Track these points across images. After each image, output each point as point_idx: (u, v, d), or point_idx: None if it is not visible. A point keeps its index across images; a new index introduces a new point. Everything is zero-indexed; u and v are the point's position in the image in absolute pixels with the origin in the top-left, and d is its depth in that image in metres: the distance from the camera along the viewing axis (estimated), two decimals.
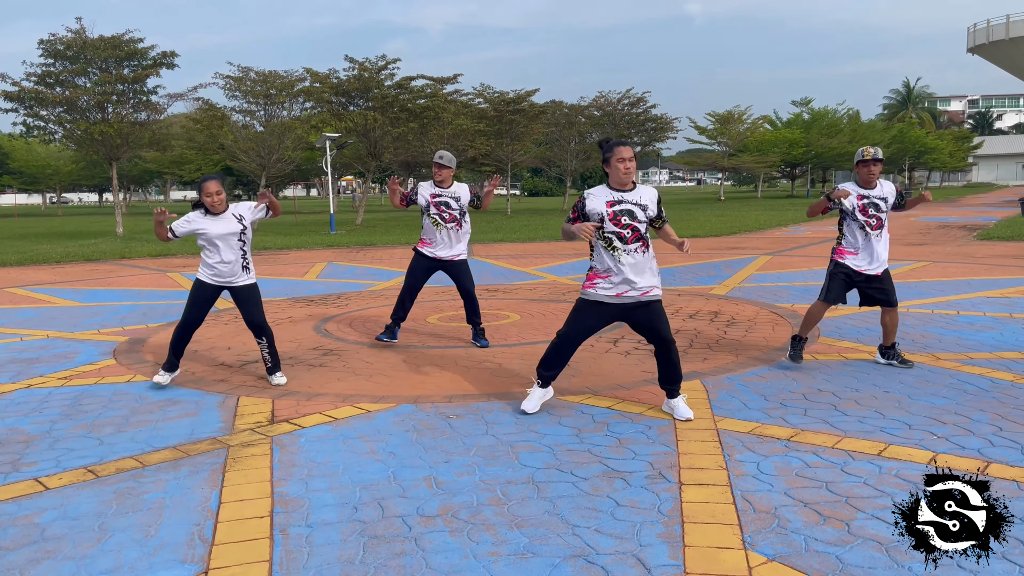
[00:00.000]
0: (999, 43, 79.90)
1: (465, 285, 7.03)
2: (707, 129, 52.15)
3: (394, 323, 7.12)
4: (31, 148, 50.84)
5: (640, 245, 4.65)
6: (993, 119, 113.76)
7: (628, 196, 4.65)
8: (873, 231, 5.81)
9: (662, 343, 4.76)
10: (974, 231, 20.19)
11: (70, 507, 3.66)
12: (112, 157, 23.77)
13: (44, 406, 5.38)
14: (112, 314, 9.37)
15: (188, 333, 5.82)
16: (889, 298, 5.90)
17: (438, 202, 6.88)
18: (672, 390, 4.84)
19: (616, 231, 4.62)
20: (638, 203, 4.65)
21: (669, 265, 13.69)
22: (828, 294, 5.94)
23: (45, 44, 22.23)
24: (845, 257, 5.89)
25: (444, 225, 6.88)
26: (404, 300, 7.06)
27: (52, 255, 17.57)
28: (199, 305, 5.77)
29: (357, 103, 28.50)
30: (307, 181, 64.59)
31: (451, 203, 6.89)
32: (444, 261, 6.96)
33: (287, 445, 4.46)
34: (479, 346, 7.07)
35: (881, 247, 5.85)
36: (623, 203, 4.63)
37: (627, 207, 4.63)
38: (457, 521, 3.41)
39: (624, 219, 4.62)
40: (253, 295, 5.82)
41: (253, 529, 3.38)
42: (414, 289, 7.06)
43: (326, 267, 14.78)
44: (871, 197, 5.82)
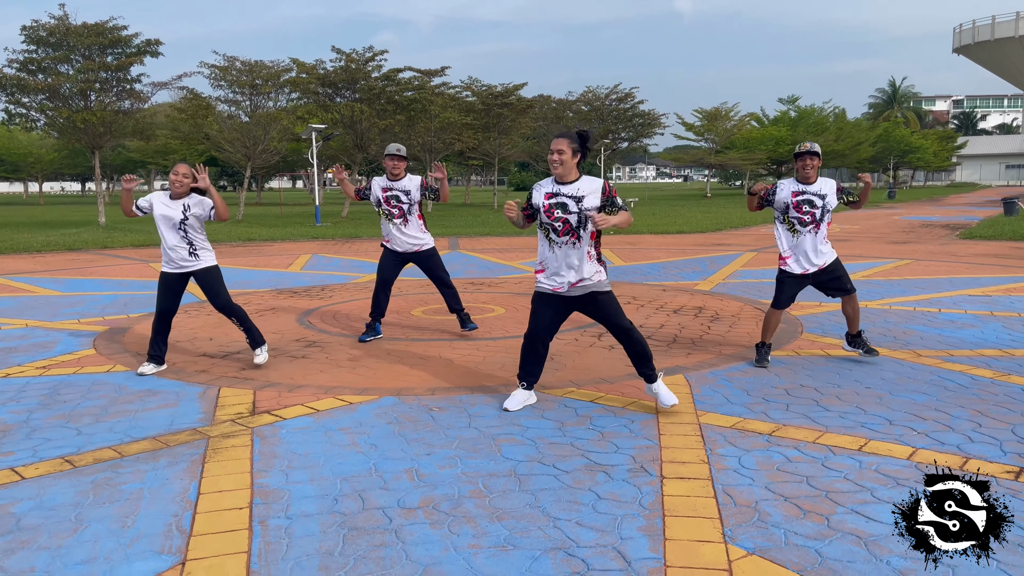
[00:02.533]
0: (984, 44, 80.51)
1: (438, 274, 7.02)
2: (694, 126, 52.25)
3: (373, 320, 7.08)
4: (12, 136, 50.22)
5: (570, 238, 4.66)
6: (977, 119, 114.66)
7: (564, 189, 4.67)
8: (805, 227, 5.77)
9: (620, 331, 4.78)
10: (957, 230, 20.36)
11: (46, 497, 3.62)
12: (95, 146, 23.52)
13: (22, 395, 5.32)
14: (92, 304, 9.28)
15: (162, 322, 5.91)
16: (843, 286, 5.90)
17: (388, 196, 6.87)
18: (649, 375, 4.84)
19: (549, 223, 4.68)
20: (573, 195, 4.65)
21: (654, 260, 13.71)
22: (778, 300, 5.96)
23: (28, 30, 21.95)
24: (785, 263, 5.90)
25: (393, 220, 6.87)
26: (378, 295, 7.01)
27: (33, 244, 17.38)
28: (165, 293, 5.88)
29: (344, 94, 28.36)
30: (293, 173, 64.23)
31: (401, 196, 6.87)
32: (409, 255, 6.94)
33: (268, 436, 4.42)
34: (469, 330, 7.07)
35: (815, 244, 5.79)
36: (558, 196, 4.66)
37: (561, 200, 4.65)
38: (438, 513, 3.40)
39: (557, 212, 4.64)
40: (209, 278, 5.93)
41: (232, 520, 3.35)
42: (386, 284, 7.02)
43: (311, 259, 14.71)
44: (807, 193, 5.79)
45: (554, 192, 4.67)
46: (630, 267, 12.78)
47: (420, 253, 6.98)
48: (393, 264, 7.01)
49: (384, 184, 6.90)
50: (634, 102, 43.74)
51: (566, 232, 4.66)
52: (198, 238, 5.84)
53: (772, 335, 6.06)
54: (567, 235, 4.66)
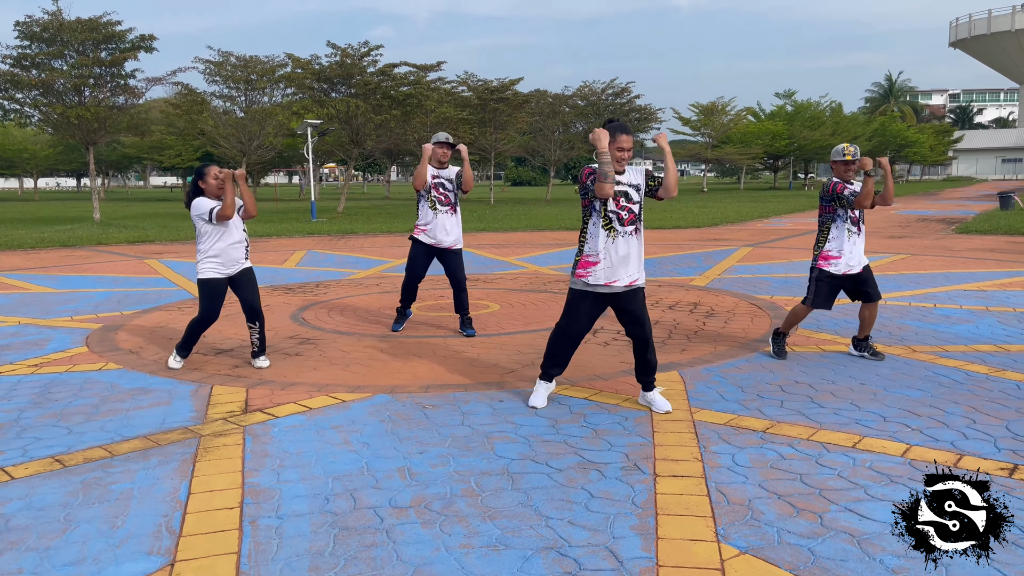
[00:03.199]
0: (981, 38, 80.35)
1: (457, 275, 6.97)
2: (691, 120, 52.22)
3: (404, 306, 7.15)
4: (7, 132, 49.98)
5: (634, 228, 4.57)
6: (974, 113, 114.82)
7: (621, 178, 4.54)
8: (855, 227, 5.80)
9: (644, 337, 4.70)
10: (953, 224, 20.36)
11: (35, 497, 3.59)
12: (89, 141, 23.43)
13: (12, 394, 5.29)
14: (86, 301, 9.24)
15: (205, 327, 5.86)
16: (871, 293, 5.90)
17: (437, 183, 6.80)
18: (647, 383, 4.83)
19: (615, 211, 4.53)
20: (632, 183, 4.56)
21: (649, 256, 13.69)
22: (815, 300, 5.90)
23: (21, 26, 21.83)
24: (831, 263, 5.83)
25: (440, 209, 6.80)
26: (410, 288, 7.05)
27: (27, 240, 17.32)
28: (215, 299, 5.75)
29: (339, 90, 28.25)
30: (289, 168, 64.11)
31: (447, 184, 6.82)
32: (442, 249, 6.90)
33: (260, 435, 4.40)
34: (465, 335, 7.04)
35: (861, 246, 5.86)
36: (619, 184, 4.51)
37: (623, 188, 4.53)
38: (430, 513, 3.38)
39: (622, 200, 4.52)
40: (250, 278, 5.88)
41: (222, 520, 3.33)
42: (417, 280, 7.01)
43: (306, 255, 14.67)
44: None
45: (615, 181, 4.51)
46: None
47: (452, 251, 6.90)
48: (425, 261, 6.95)
49: (433, 172, 6.80)
50: (630, 96, 43.69)
51: (631, 222, 4.55)
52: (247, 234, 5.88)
53: (792, 328, 6.07)
54: (632, 224, 4.55)
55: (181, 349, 5.89)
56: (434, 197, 6.78)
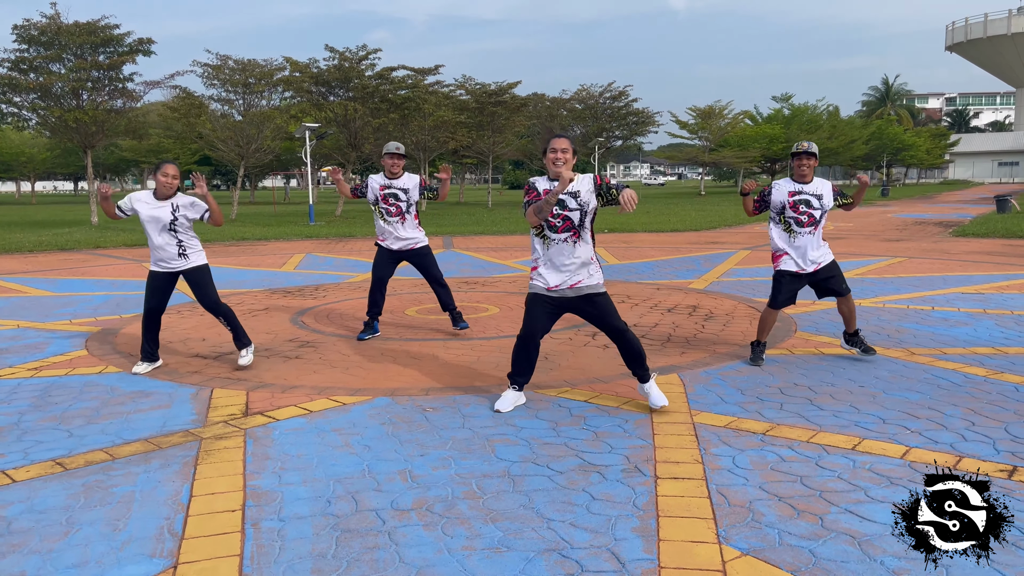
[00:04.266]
0: (977, 41, 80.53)
1: (432, 273, 7.01)
2: (688, 124, 52.27)
3: (371, 319, 7.07)
4: (4, 135, 49.98)
5: (570, 235, 4.64)
6: (970, 117, 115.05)
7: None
8: (804, 228, 5.75)
9: (614, 332, 4.76)
10: (950, 227, 20.41)
11: (37, 500, 3.59)
12: (87, 145, 23.44)
13: (12, 397, 5.29)
14: (85, 304, 9.23)
15: (150, 321, 5.89)
16: (839, 287, 5.90)
17: (387, 194, 6.85)
18: (642, 375, 4.84)
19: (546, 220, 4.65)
20: (570, 192, 4.61)
21: (648, 259, 13.71)
22: (775, 300, 5.95)
23: (19, 29, 21.85)
24: (780, 262, 5.88)
25: (390, 219, 6.85)
26: (374, 294, 7.01)
27: (25, 244, 17.30)
28: (153, 292, 5.86)
29: (337, 93, 28.29)
30: (287, 171, 64.10)
31: (399, 195, 6.85)
32: (403, 252, 6.94)
33: (261, 438, 4.41)
34: (460, 329, 7.06)
35: (812, 245, 5.79)
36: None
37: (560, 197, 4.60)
38: (431, 515, 3.38)
39: (555, 208, 4.61)
40: (197, 276, 5.90)
41: (224, 523, 3.33)
42: (382, 282, 7.01)
43: (304, 258, 14.67)
44: (804, 193, 5.77)
45: (552, 189, 4.62)
46: (624, 266, 12.78)
47: (414, 251, 6.97)
48: (388, 262, 7.00)
49: (382, 182, 6.88)
50: (628, 100, 43.76)
51: (565, 229, 4.63)
52: (187, 238, 5.82)
53: (767, 334, 6.06)
54: (566, 232, 4.63)
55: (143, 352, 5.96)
56: (382, 208, 6.85)
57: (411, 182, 6.89)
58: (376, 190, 6.87)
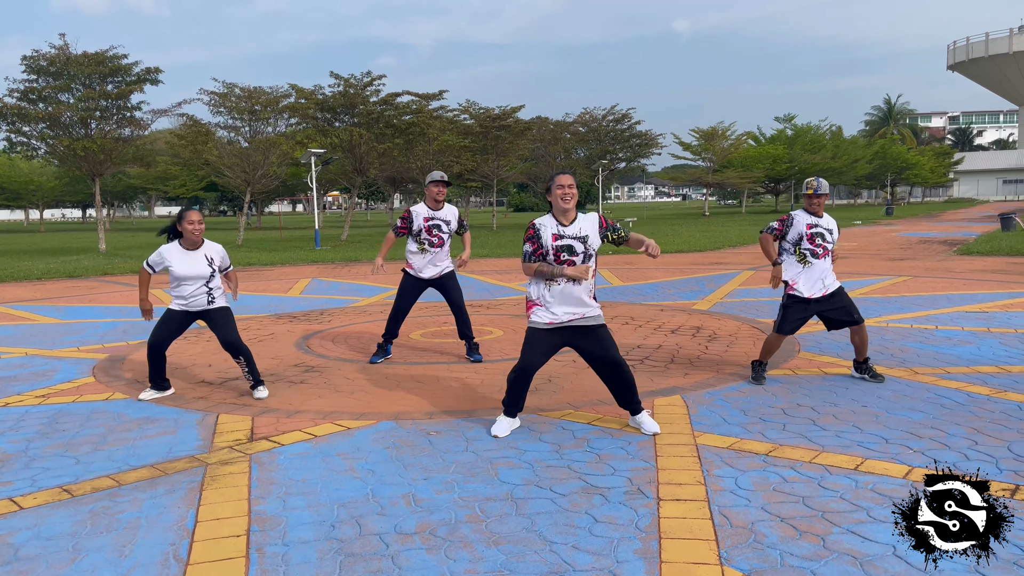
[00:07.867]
0: (978, 60, 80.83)
1: (454, 297, 7.04)
2: (691, 145, 52.56)
3: (385, 341, 7.12)
4: (13, 164, 50.49)
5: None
6: (973, 135, 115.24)
7: (567, 230, 4.69)
8: (816, 258, 5.91)
9: (612, 365, 4.79)
10: (954, 246, 20.41)
11: (44, 527, 3.63)
12: (95, 173, 23.66)
13: (20, 424, 5.33)
14: (92, 331, 9.30)
15: (156, 354, 5.89)
16: (852, 317, 5.95)
17: (431, 225, 6.88)
18: (634, 406, 4.88)
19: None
20: (577, 236, 4.69)
21: (651, 280, 13.74)
22: (781, 326, 6.01)
23: (28, 60, 22.15)
24: (794, 288, 5.96)
25: (431, 249, 6.90)
26: (396, 320, 7.05)
27: (33, 272, 17.43)
28: (166, 328, 5.88)
29: (342, 119, 28.54)
30: (293, 197, 64.49)
31: (442, 226, 6.92)
32: (433, 280, 6.99)
33: (266, 463, 4.43)
34: (472, 361, 7.07)
35: (824, 272, 5.93)
36: (564, 238, 4.67)
37: (567, 242, 4.67)
38: (435, 539, 3.40)
39: (563, 255, 4.68)
40: (223, 317, 5.92)
41: (229, 548, 3.35)
42: (404, 312, 7.06)
43: (310, 283, 14.74)
44: (819, 226, 5.94)
45: (559, 234, 4.68)
46: (628, 287, 12.81)
47: (442, 276, 7.01)
48: (414, 292, 7.03)
49: (426, 214, 6.88)
50: (631, 122, 44.03)
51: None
52: (216, 284, 5.90)
53: (770, 357, 6.10)
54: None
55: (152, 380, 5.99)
56: (424, 239, 6.89)
57: (452, 214, 6.98)
58: (420, 222, 6.88)
